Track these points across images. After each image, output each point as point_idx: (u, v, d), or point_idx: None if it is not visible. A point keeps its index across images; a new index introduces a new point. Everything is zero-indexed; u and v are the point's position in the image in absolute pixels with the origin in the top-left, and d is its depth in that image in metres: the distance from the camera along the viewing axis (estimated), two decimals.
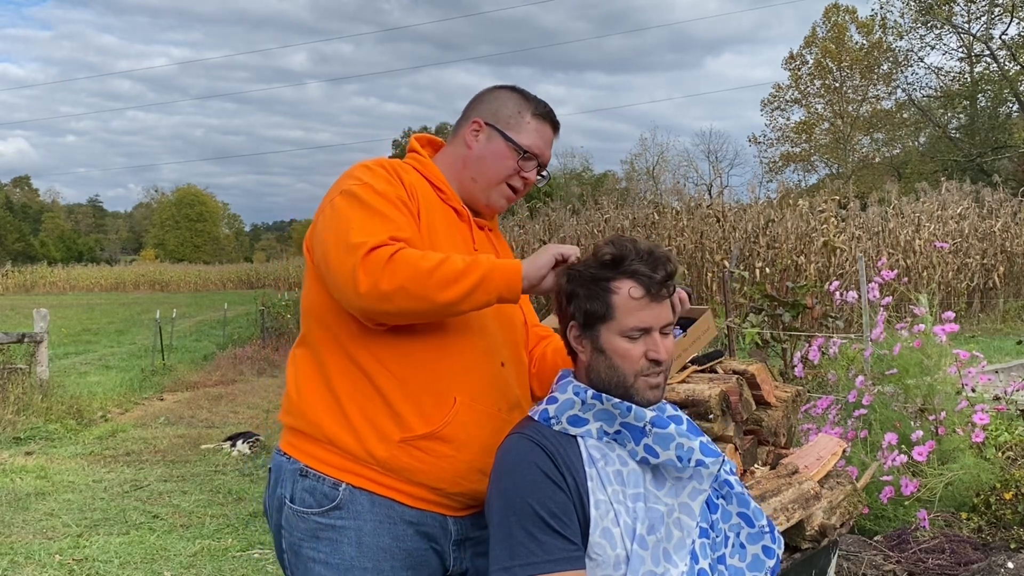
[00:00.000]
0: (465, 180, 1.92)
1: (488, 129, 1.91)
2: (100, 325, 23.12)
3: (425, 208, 1.80)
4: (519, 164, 1.91)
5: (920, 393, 4.05)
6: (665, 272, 1.65)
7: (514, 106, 1.93)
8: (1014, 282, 18.21)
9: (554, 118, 1.97)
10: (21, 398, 9.05)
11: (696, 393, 2.43)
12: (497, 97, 1.95)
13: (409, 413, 1.72)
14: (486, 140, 1.91)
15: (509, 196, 1.94)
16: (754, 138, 45.82)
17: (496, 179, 1.91)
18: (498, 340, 1.86)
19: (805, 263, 16.06)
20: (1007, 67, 35.24)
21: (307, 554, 1.75)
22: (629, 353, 1.64)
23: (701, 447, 1.67)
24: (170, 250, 73.09)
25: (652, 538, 1.61)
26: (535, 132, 1.92)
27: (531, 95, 1.97)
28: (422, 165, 1.91)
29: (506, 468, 1.65)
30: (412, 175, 1.85)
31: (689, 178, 42.39)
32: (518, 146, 1.90)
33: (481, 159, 1.91)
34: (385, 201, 1.72)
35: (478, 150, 1.91)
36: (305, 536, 1.75)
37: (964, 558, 3.37)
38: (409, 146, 2.00)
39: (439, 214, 1.84)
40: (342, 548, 1.72)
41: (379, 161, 1.84)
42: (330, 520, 1.73)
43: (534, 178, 1.94)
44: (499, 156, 1.90)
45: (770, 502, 2.18)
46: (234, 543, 5.12)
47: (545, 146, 1.94)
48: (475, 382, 1.79)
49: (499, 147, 1.90)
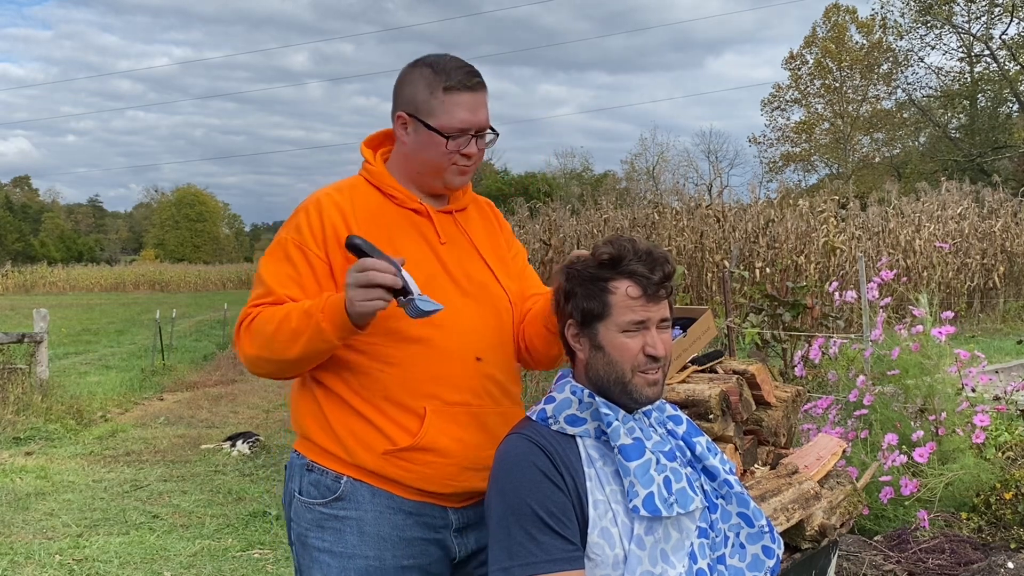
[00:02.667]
0: (413, 175, 1.91)
1: (411, 120, 1.86)
2: (100, 325, 23.12)
3: (363, 231, 1.80)
4: (450, 146, 1.84)
5: (920, 393, 4.05)
6: (663, 273, 1.66)
7: (425, 87, 1.84)
8: (1014, 282, 18.21)
9: (468, 81, 1.84)
10: (21, 398, 9.05)
11: (696, 393, 2.42)
12: (410, 82, 1.87)
13: (389, 428, 1.79)
14: (414, 132, 1.86)
15: (462, 170, 1.89)
16: (754, 138, 45.87)
17: (437, 166, 1.87)
18: (471, 335, 1.85)
19: (805, 263, 16.06)
20: (1007, 67, 35.25)
21: (313, 543, 1.83)
22: (626, 348, 1.65)
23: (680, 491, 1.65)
24: (170, 250, 73.08)
25: (650, 539, 1.61)
26: (453, 107, 1.82)
27: (440, 65, 1.85)
28: (373, 175, 1.92)
29: (505, 468, 1.65)
30: (340, 208, 1.85)
31: (689, 178, 42.33)
32: (440, 132, 1.83)
33: (416, 152, 1.88)
34: (280, 259, 1.84)
35: (411, 144, 1.88)
36: (311, 526, 1.84)
37: (964, 558, 3.37)
38: (362, 154, 1.98)
39: (396, 223, 1.86)
40: (345, 537, 1.80)
41: (305, 204, 1.88)
42: (333, 511, 1.81)
43: (473, 149, 1.86)
44: (429, 145, 1.85)
45: (770, 502, 2.18)
46: (234, 543, 5.12)
47: (470, 114, 1.83)
48: (445, 386, 1.81)
49: (426, 137, 1.84)
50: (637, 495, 1.60)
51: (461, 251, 1.92)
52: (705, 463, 1.75)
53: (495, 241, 2.03)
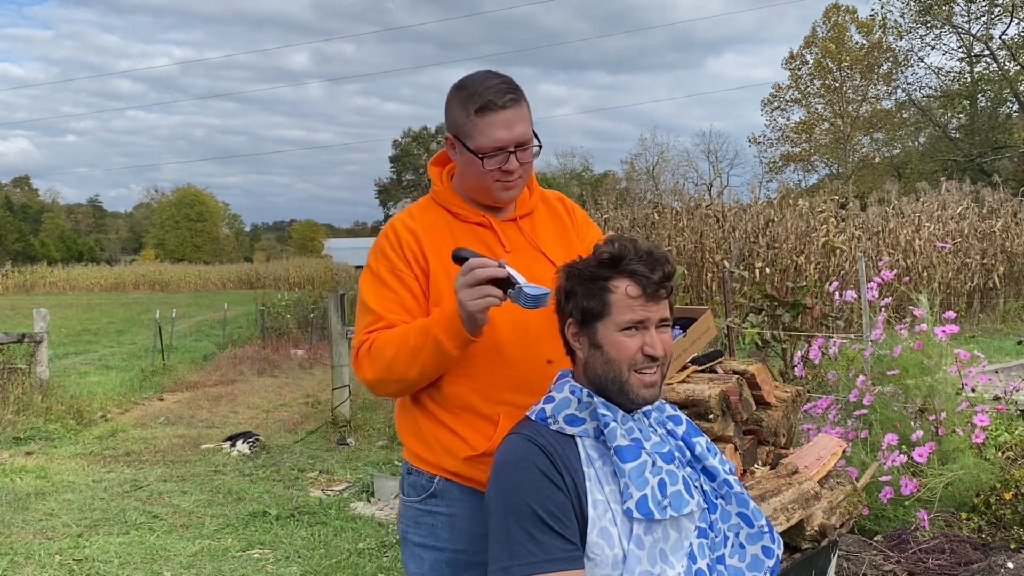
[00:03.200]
0: (468, 190, 2.01)
1: (456, 142, 1.95)
2: (100, 325, 23.11)
3: (435, 250, 1.95)
4: (487, 165, 1.91)
5: (920, 393, 4.05)
6: (663, 273, 1.66)
7: (461, 111, 1.91)
8: (1014, 282, 18.20)
9: (500, 99, 1.88)
10: (21, 398, 9.05)
11: (696, 393, 2.42)
12: (450, 107, 1.95)
13: (469, 435, 1.92)
14: (459, 153, 1.96)
15: (506, 186, 1.95)
16: (754, 138, 45.87)
17: (482, 183, 1.95)
18: (541, 339, 1.91)
19: (805, 263, 16.06)
20: (1007, 67, 35.24)
21: (411, 538, 2.01)
22: (625, 347, 1.64)
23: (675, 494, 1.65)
24: (170, 250, 73.07)
25: (649, 538, 1.61)
26: (487, 128, 1.88)
27: (473, 86, 1.91)
28: (438, 195, 2.04)
29: (504, 468, 1.65)
30: (412, 230, 1.97)
31: (689, 178, 42.32)
32: (475, 153, 1.90)
33: (464, 170, 1.98)
34: (378, 285, 1.96)
35: (459, 163, 1.99)
36: (410, 523, 2.01)
37: (964, 558, 3.37)
38: (429, 175, 2.10)
39: (463, 238, 1.97)
40: (438, 532, 1.96)
41: (384, 231, 2.02)
42: (427, 507, 1.98)
43: (514, 165, 1.92)
44: (471, 165, 1.93)
45: (770, 502, 2.18)
46: (234, 543, 5.12)
47: (505, 132, 1.89)
48: (518, 391, 1.89)
49: (468, 158, 1.93)
50: (631, 497, 1.60)
51: (527, 257, 1.99)
52: (705, 463, 1.75)
53: (565, 237, 2.09)
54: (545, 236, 2.05)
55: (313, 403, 10.15)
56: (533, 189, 2.10)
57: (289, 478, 6.83)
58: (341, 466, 7.18)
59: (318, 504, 5.90)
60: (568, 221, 2.13)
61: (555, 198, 2.17)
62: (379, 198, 65.44)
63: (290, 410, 9.98)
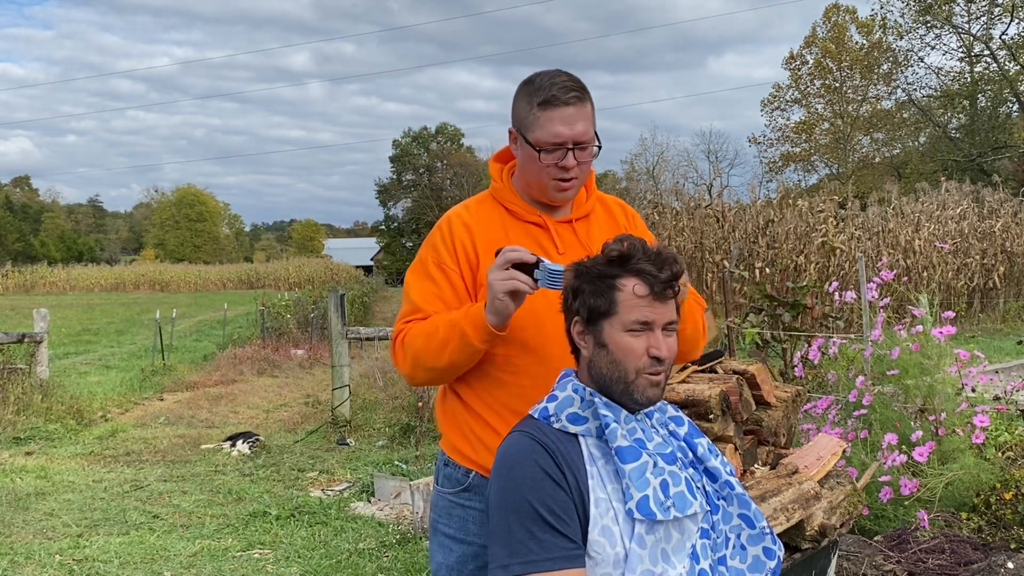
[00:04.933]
0: (526, 186, 2.02)
1: (518, 135, 1.97)
2: (100, 325, 23.12)
3: (487, 245, 1.96)
4: (544, 159, 1.92)
5: (920, 393, 4.05)
6: (671, 272, 1.65)
7: (525, 104, 1.94)
8: (1014, 282, 18.20)
9: (563, 95, 1.90)
10: (21, 398, 9.05)
11: (696, 393, 2.42)
12: (516, 101, 1.98)
13: (506, 431, 1.88)
14: (520, 146, 1.98)
15: (561, 186, 1.96)
16: (754, 138, 45.83)
17: (540, 179, 1.96)
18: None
19: (805, 263, 16.07)
20: (1007, 67, 35.24)
21: (441, 529, 2.05)
22: (631, 347, 1.64)
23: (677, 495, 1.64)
24: (170, 250, 73.11)
25: (651, 538, 1.61)
26: (547, 123, 1.90)
27: (540, 81, 1.93)
28: (496, 191, 2.06)
29: (506, 465, 1.65)
30: (466, 225, 2.00)
31: (689, 178, 42.27)
32: (534, 146, 1.92)
33: (524, 166, 1.99)
34: (422, 277, 2.00)
35: (520, 158, 2.00)
36: (442, 514, 2.05)
37: (964, 558, 3.37)
38: (490, 171, 2.12)
39: (516, 236, 1.99)
40: (468, 525, 2.00)
41: (439, 223, 2.05)
42: (460, 500, 2.01)
43: (572, 162, 1.92)
44: (531, 159, 1.94)
45: (770, 502, 2.18)
46: (234, 543, 5.12)
47: (565, 128, 1.90)
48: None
49: (527, 151, 1.94)
50: (632, 498, 1.60)
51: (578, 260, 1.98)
52: (707, 464, 1.75)
53: None
54: (600, 240, 2.04)
55: (313, 403, 10.16)
56: (591, 192, 2.10)
57: (289, 478, 6.83)
58: (341, 466, 7.18)
59: (318, 504, 5.90)
60: (625, 225, 2.13)
61: (616, 204, 2.17)
62: (379, 198, 65.46)
63: (290, 410, 9.99)
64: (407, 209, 63.17)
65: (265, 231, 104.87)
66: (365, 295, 27.43)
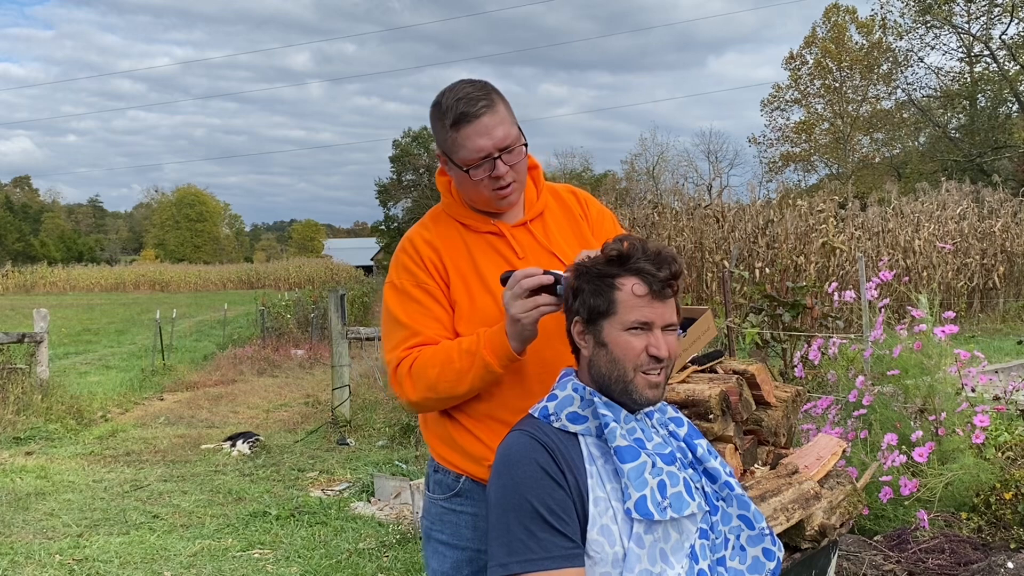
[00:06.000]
0: (471, 201, 2.00)
1: (446, 159, 1.96)
2: (100, 325, 23.12)
3: (452, 262, 1.97)
4: (474, 175, 1.90)
5: (920, 393, 4.05)
6: (670, 271, 1.66)
7: (440, 129, 1.91)
8: (1014, 282, 18.20)
9: (470, 109, 1.85)
10: (21, 398, 9.06)
11: (696, 393, 2.42)
12: (432, 125, 1.96)
13: (492, 441, 1.89)
14: (451, 169, 1.96)
15: (500, 195, 1.94)
16: (754, 138, 45.89)
17: (479, 194, 1.94)
18: (560, 343, 1.88)
19: (805, 263, 16.06)
20: (1007, 67, 35.23)
21: (434, 536, 2.03)
22: (630, 346, 1.64)
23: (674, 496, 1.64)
24: (170, 250, 73.14)
25: (649, 537, 1.61)
26: (466, 140, 1.87)
27: (446, 101, 1.89)
28: (448, 207, 2.04)
29: (506, 465, 1.65)
30: (431, 242, 1.99)
31: (689, 178, 42.38)
32: (461, 167, 1.90)
33: (460, 185, 1.98)
34: (405, 300, 1.96)
35: (455, 179, 1.98)
36: (434, 520, 2.03)
37: (964, 558, 3.37)
38: (438, 187, 2.09)
39: (477, 247, 1.98)
40: (461, 530, 1.98)
41: (402, 245, 2.02)
42: (452, 505, 1.99)
43: (502, 169, 1.89)
44: (463, 179, 1.93)
45: (770, 502, 2.18)
46: (234, 543, 5.12)
47: (485, 140, 1.86)
48: (538, 398, 1.87)
49: (457, 172, 1.93)
50: (630, 498, 1.60)
51: (540, 261, 1.97)
52: (706, 465, 1.75)
53: (579, 234, 2.07)
54: (559, 236, 2.03)
55: (313, 403, 10.17)
56: (540, 187, 2.07)
57: (289, 478, 6.83)
58: (341, 466, 7.18)
59: (318, 504, 5.90)
60: (580, 213, 2.10)
61: (567, 191, 2.14)
62: (379, 198, 65.43)
63: (290, 410, 9.99)
64: (407, 209, 63.14)
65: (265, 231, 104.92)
66: (365, 295, 27.43)
